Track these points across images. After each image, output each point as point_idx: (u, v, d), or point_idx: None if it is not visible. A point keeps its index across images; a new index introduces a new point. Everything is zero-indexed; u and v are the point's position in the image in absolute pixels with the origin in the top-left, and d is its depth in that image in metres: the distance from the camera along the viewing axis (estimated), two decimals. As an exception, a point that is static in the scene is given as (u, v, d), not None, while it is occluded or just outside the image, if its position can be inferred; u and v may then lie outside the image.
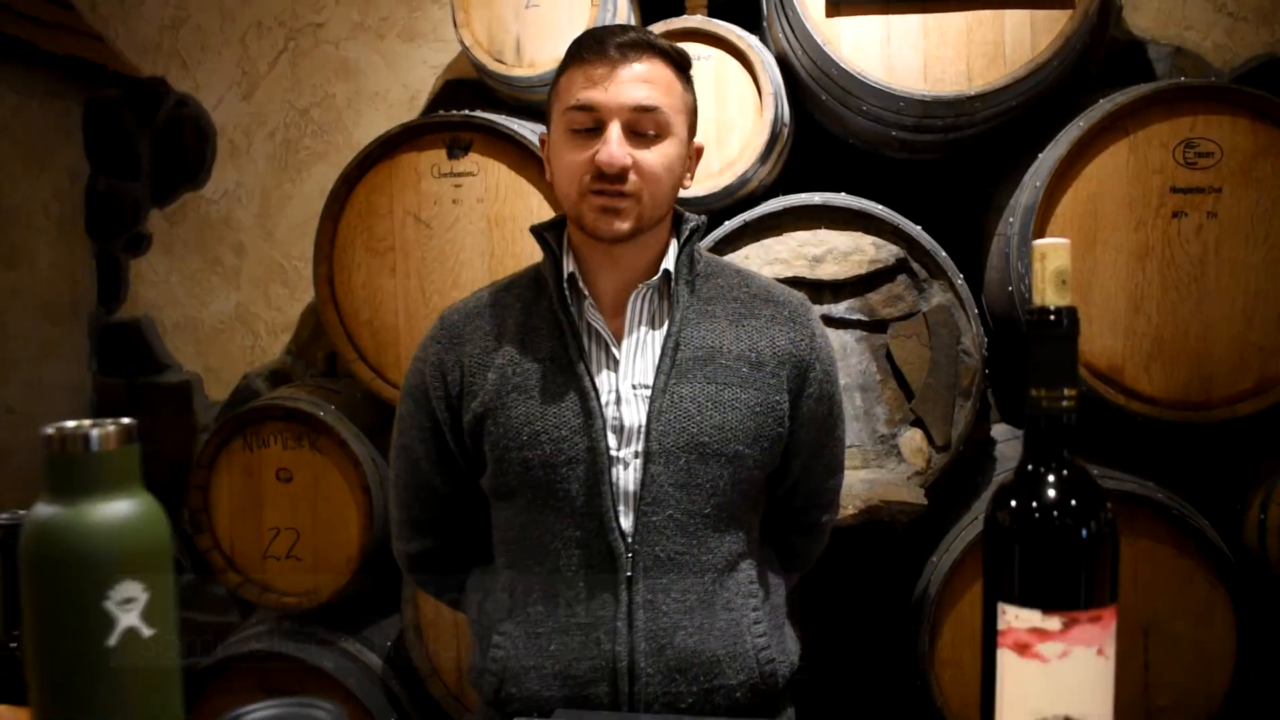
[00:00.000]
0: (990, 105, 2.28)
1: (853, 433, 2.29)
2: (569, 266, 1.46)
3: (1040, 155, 2.29)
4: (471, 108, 2.58)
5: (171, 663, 0.73)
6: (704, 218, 1.54)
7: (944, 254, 2.29)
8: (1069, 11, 2.25)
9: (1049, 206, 2.21)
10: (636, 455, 1.41)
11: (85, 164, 3.38)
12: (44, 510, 0.71)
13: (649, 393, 1.42)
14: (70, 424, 0.72)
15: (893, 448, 2.28)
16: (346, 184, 2.51)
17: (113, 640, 0.69)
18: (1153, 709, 2.23)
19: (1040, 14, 2.26)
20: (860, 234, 2.29)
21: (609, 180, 1.37)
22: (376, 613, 2.86)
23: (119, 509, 0.71)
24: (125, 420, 0.73)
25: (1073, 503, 0.72)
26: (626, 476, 1.41)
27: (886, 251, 2.28)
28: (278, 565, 2.67)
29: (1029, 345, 0.73)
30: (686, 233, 1.49)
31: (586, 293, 1.46)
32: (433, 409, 1.52)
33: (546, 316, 1.47)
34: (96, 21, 3.33)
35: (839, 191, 2.39)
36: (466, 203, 2.47)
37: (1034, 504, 0.72)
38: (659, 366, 1.42)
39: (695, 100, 1.48)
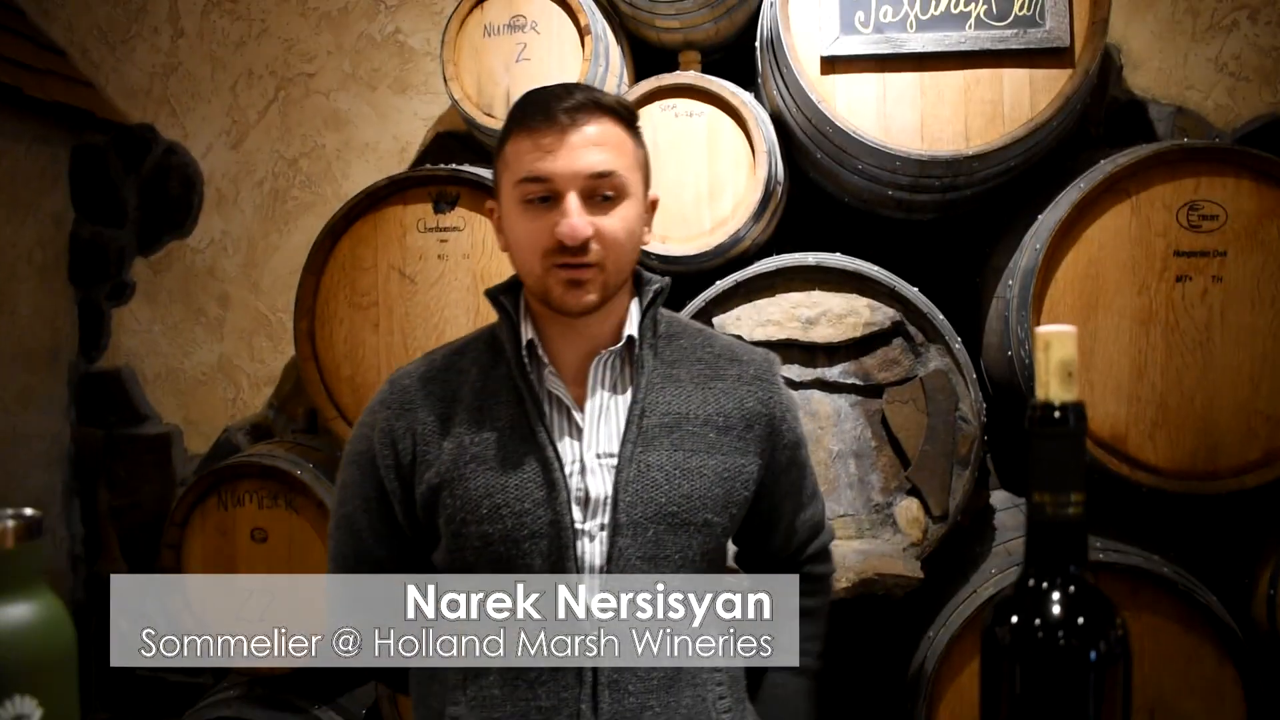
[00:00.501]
0: (988, 165, 2.24)
1: (846, 501, 2.23)
2: (527, 333, 1.41)
3: (1040, 217, 2.25)
4: (462, 161, 2.55)
5: (67, 791, 0.65)
6: (668, 280, 1.49)
7: (941, 317, 2.24)
8: (1069, 71, 2.22)
9: (1049, 269, 2.17)
10: (602, 527, 1.35)
11: (70, 210, 3.35)
12: (-73, 616, 0.63)
13: (615, 462, 1.37)
14: (-37, 518, 0.64)
15: (888, 517, 2.21)
16: (330, 237, 2.47)
17: (-2, 767, 0.61)
18: (1160, 792, 2.15)
19: (1039, 73, 2.24)
20: (855, 296, 2.24)
21: (571, 253, 1.32)
22: (351, 680, 2.77)
23: (15, 613, 0.64)
24: (27, 512, 0.66)
25: (1079, 621, 0.64)
26: (592, 549, 1.35)
27: (882, 314, 2.23)
28: (251, 628, 2.60)
29: (1030, 443, 0.66)
30: (650, 295, 1.44)
31: (546, 360, 1.40)
32: (380, 478, 1.45)
33: (505, 383, 1.42)
34: (86, 67, 3.31)
35: (834, 252, 2.35)
36: (452, 258, 2.42)
37: (1036, 622, 0.65)
38: (625, 435, 1.37)
39: (647, 153, 1.44)
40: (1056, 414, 0.65)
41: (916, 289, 2.26)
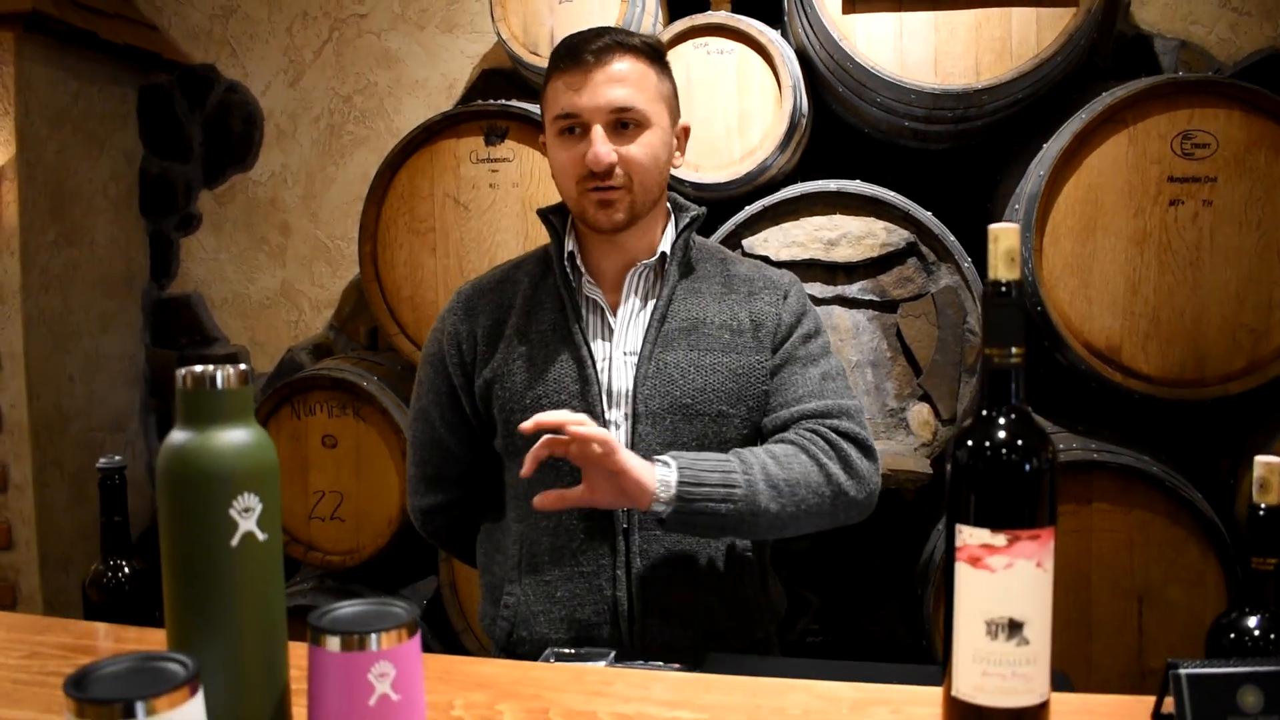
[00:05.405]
0: (997, 98, 2.39)
1: (863, 406, 2.43)
2: (569, 245, 1.59)
3: (1044, 145, 2.39)
4: (507, 97, 2.72)
5: (279, 562, 0.89)
6: (704, 209, 1.65)
7: (952, 238, 2.41)
8: (1073, 9, 2.34)
9: (1052, 194, 2.31)
10: (626, 417, 1.53)
11: (140, 147, 3.56)
12: (178, 436, 0.86)
13: (637, 359, 1.54)
14: (198, 367, 0.87)
15: (901, 420, 2.42)
16: (390, 168, 2.67)
17: (235, 542, 0.85)
18: (1146, 670, 2.32)
19: (1046, 11, 2.36)
20: (873, 219, 2.42)
21: (599, 177, 1.50)
22: (414, 571, 3.01)
23: (238, 435, 0.87)
24: (242, 366, 0.89)
25: (1018, 441, 0.87)
26: (618, 436, 1.52)
27: (898, 236, 2.41)
28: (322, 526, 2.83)
29: (984, 312, 0.88)
30: (686, 221, 1.61)
31: (584, 269, 1.59)
32: (449, 375, 1.64)
33: (550, 291, 1.60)
34: (151, 11, 3.50)
35: (854, 179, 2.51)
36: (503, 187, 2.62)
37: (986, 442, 0.87)
38: (646, 335, 1.54)
39: (673, 85, 1.59)
40: (1003, 289, 0.87)
41: (930, 213, 2.42)
